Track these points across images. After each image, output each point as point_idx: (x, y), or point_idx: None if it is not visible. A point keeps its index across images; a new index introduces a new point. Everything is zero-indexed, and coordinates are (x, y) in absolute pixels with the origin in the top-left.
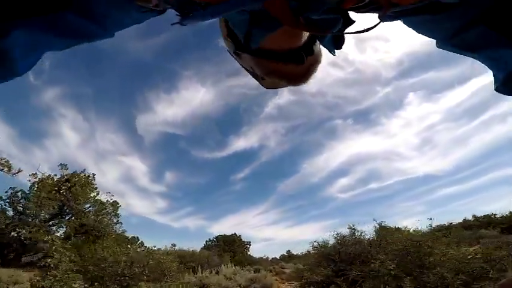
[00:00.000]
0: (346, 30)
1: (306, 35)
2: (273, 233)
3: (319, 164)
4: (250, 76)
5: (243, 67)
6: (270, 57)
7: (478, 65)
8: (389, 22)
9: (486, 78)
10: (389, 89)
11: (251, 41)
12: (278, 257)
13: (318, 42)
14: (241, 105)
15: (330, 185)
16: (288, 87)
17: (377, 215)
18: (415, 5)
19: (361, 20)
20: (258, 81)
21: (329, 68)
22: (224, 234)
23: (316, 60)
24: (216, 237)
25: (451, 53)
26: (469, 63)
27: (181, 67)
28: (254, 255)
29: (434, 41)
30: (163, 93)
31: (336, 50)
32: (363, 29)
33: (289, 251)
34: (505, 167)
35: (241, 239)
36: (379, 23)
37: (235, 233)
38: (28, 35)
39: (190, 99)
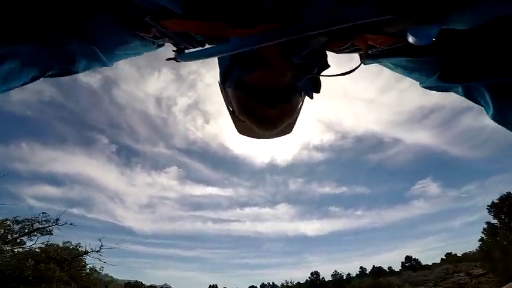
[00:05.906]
0: (328, 73)
1: (284, 81)
2: None
3: None
4: None
5: (225, 103)
6: (248, 92)
7: None
8: (370, 64)
9: None
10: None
11: (231, 76)
12: None
13: (299, 97)
14: None
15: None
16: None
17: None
18: (390, 47)
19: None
20: (234, 123)
21: None
22: None
23: (291, 110)
24: None
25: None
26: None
27: None
28: None
29: None
30: None
31: (313, 94)
32: (345, 72)
33: None
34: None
35: None
36: (360, 64)
37: None
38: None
39: None
